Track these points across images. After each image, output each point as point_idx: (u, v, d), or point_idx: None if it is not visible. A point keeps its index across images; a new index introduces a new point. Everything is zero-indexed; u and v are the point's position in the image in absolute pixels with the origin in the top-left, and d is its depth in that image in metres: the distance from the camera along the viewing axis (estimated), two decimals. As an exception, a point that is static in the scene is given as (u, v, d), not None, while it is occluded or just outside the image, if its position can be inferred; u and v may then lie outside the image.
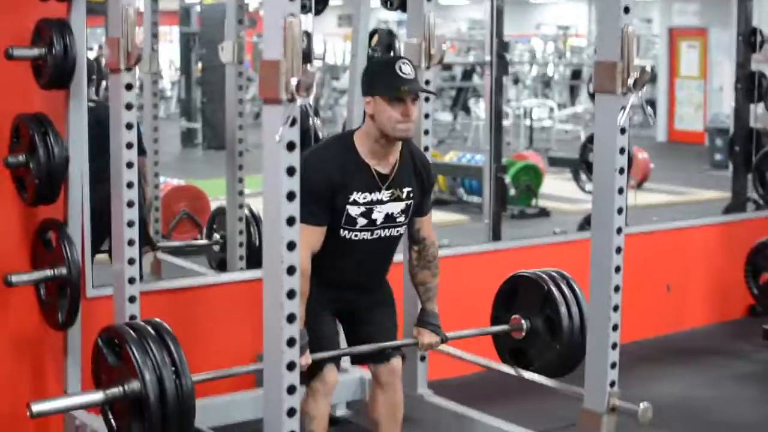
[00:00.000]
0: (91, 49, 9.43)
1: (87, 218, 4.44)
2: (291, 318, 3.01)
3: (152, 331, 3.21)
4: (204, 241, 6.45)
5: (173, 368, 3.15)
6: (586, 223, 7.05)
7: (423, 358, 4.71)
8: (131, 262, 3.96)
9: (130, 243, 3.95)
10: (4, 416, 4.56)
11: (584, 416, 3.79)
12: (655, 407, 5.27)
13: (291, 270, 3.00)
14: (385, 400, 4.10)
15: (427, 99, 4.54)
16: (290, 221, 2.98)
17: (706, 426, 5.34)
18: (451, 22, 22.25)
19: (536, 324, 4.30)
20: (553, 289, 4.26)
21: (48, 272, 4.19)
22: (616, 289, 3.69)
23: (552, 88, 19.55)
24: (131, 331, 3.20)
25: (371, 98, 3.79)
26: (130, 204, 3.93)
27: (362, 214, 3.83)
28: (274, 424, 3.07)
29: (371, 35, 5.27)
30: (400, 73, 3.74)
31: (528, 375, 4.37)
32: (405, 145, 3.93)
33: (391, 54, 5.07)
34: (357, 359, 4.25)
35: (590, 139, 7.22)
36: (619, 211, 3.65)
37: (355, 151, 3.84)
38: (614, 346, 3.71)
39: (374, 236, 3.89)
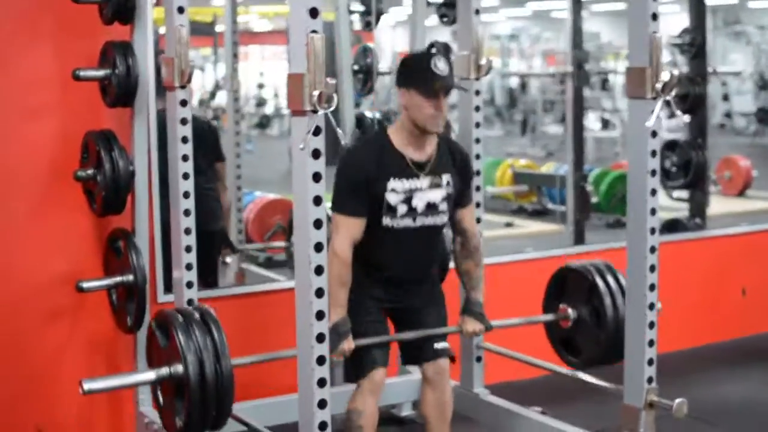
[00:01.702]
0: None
1: (157, 227, 4.71)
2: (320, 315, 3.20)
3: (197, 316, 3.46)
4: (282, 243, 6.82)
5: (214, 351, 3.38)
6: (664, 229, 7.11)
7: (479, 359, 4.85)
8: (189, 267, 4.21)
9: (188, 249, 4.20)
10: (81, 415, 4.85)
11: (624, 411, 3.88)
12: (719, 406, 5.38)
13: (319, 270, 3.19)
14: (434, 398, 4.24)
15: (477, 108, 4.69)
16: (317, 224, 3.17)
17: (765, 425, 5.37)
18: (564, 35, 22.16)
19: (582, 314, 4.44)
20: (598, 280, 4.38)
21: (118, 278, 4.45)
22: (652, 287, 3.77)
23: (666, 97, 19.34)
24: (179, 316, 3.46)
25: (406, 90, 3.97)
26: (186, 213, 4.18)
27: (402, 201, 3.98)
28: (306, 416, 3.27)
29: (429, 48, 5.43)
30: (435, 69, 3.91)
31: (574, 374, 4.50)
32: (442, 139, 4.11)
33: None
34: (406, 360, 4.39)
35: (667, 146, 7.27)
36: (652, 212, 3.74)
37: (389, 143, 4.01)
38: (651, 343, 3.78)
39: (417, 224, 4.03)
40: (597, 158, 15.10)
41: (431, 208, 4.04)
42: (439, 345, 4.22)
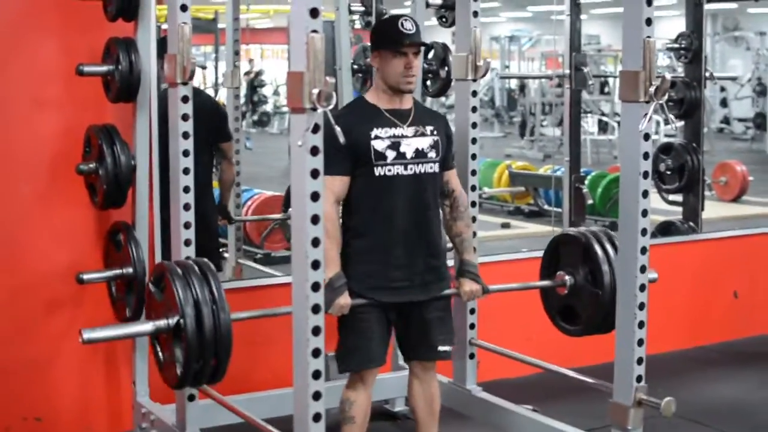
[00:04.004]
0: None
1: (157, 220, 4.77)
2: (316, 309, 3.26)
3: (196, 268, 3.51)
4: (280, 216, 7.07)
5: (212, 301, 3.44)
6: (657, 232, 7.18)
7: (472, 356, 4.91)
8: (187, 243, 4.23)
9: (187, 243, 4.24)
10: (80, 405, 4.92)
11: (613, 409, 3.94)
12: (710, 407, 5.43)
13: (315, 265, 3.26)
14: (421, 392, 4.30)
15: (474, 109, 4.75)
16: (314, 220, 3.23)
17: (752, 426, 5.44)
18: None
19: (579, 279, 4.44)
20: (594, 244, 4.41)
21: (117, 271, 4.52)
22: (642, 288, 3.82)
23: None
24: (176, 268, 3.51)
25: (377, 52, 4.09)
26: (186, 207, 4.21)
27: (389, 147, 4.06)
28: (301, 408, 3.30)
29: (428, 49, 5.51)
30: (402, 29, 4.02)
31: (567, 372, 4.56)
32: (418, 104, 4.24)
33: (446, 68, 5.31)
34: (407, 358, 4.41)
35: (661, 149, 7.34)
36: (644, 213, 3.79)
37: (367, 102, 4.15)
38: (640, 342, 3.84)
39: (409, 171, 4.09)
40: (595, 161, 15.15)
41: (420, 155, 4.11)
42: (443, 348, 4.26)
